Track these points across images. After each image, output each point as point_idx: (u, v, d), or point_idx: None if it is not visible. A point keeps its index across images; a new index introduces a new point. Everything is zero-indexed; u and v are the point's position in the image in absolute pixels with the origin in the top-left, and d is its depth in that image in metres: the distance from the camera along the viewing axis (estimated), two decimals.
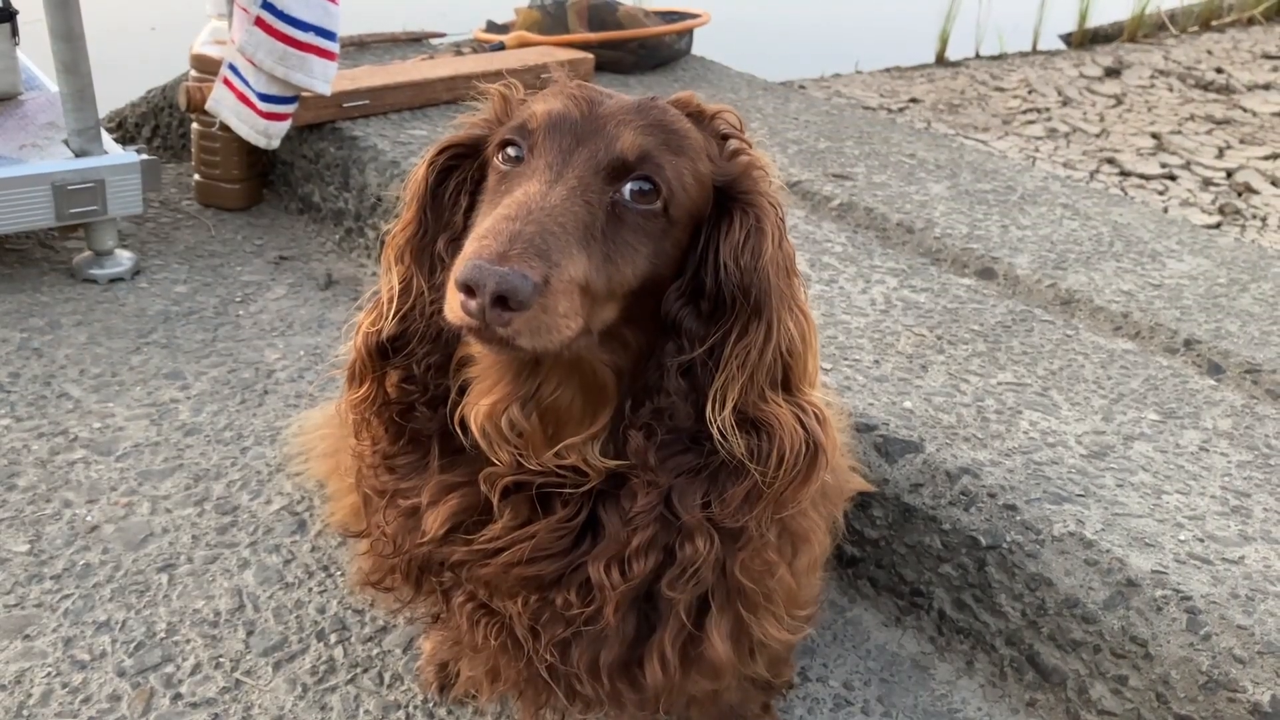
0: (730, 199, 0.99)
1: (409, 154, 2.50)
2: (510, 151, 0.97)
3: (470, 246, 0.85)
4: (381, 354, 1.04)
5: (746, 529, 1.02)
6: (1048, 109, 4.36)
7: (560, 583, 1.02)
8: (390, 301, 1.04)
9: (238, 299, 2.37)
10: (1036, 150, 3.84)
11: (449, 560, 1.05)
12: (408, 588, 1.15)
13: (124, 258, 2.43)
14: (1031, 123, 4.16)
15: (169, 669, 1.44)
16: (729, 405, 0.96)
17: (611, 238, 0.91)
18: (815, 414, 0.99)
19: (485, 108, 1.07)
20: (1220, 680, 1.28)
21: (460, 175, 1.05)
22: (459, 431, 1.03)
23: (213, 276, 2.46)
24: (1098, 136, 4.04)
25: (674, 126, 0.97)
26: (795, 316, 0.99)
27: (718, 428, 0.96)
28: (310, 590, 1.58)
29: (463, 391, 1.03)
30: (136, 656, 1.45)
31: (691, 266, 0.98)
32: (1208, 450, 1.66)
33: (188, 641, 1.48)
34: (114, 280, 2.39)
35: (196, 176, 2.79)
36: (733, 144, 1.03)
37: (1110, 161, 3.77)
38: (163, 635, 1.49)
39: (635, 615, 1.06)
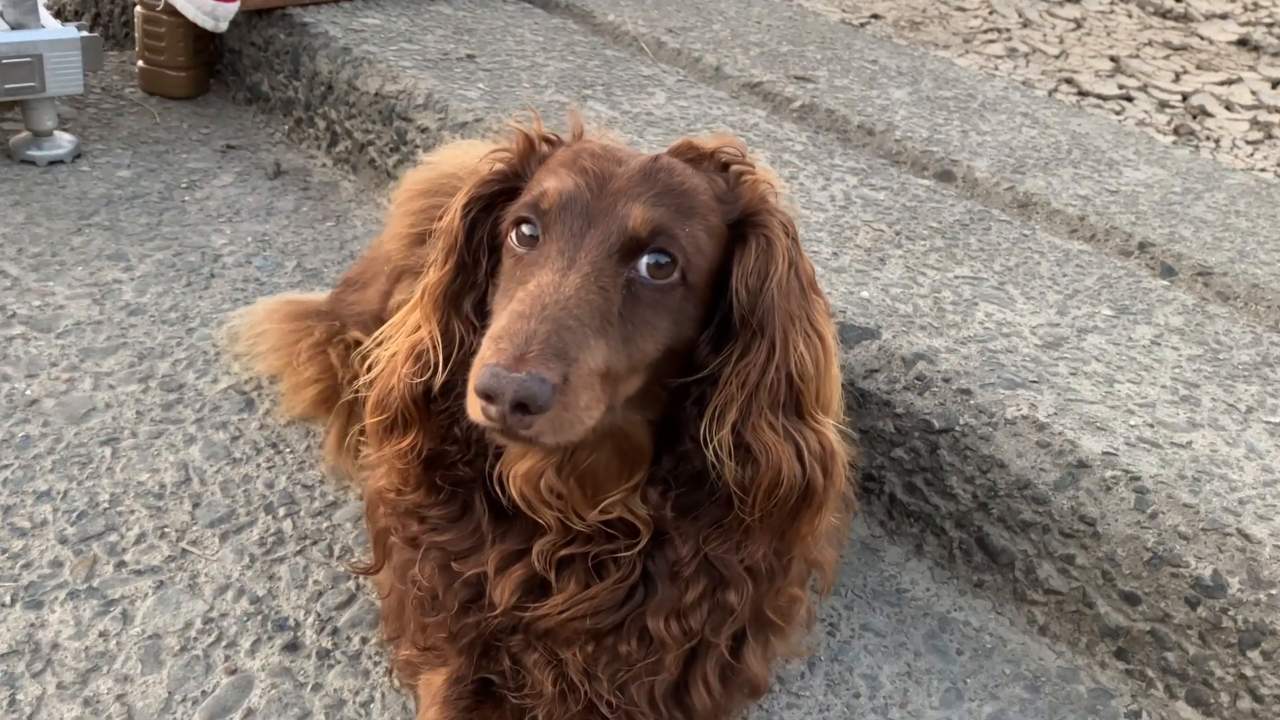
0: (745, 225, 0.96)
1: (361, 41, 2.43)
2: (525, 230, 0.94)
3: (486, 348, 0.83)
4: (429, 403, 1.01)
5: (773, 570, 1.04)
6: (1008, 29, 4.33)
7: (619, 632, 1.03)
8: (435, 349, 0.99)
9: (183, 185, 2.30)
10: (996, 69, 3.82)
11: (522, 623, 1.05)
12: (453, 653, 1.13)
13: (64, 140, 2.35)
14: (992, 42, 4.14)
15: (112, 538, 1.41)
16: (727, 425, 0.93)
17: (630, 317, 0.89)
18: (820, 445, 0.96)
19: (509, 146, 1.03)
20: (1165, 556, 1.31)
21: (486, 224, 1.01)
22: (498, 490, 1.01)
23: (157, 163, 2.38)
24: (1057, 58, 4.03)
25: (682, 187, 0.94)
26: (809, 338, 0.95)
27: (713, 448, 0.93)
28: (259, 466, 1.55)
29: (500, 452, 1.00)
30: (79, 525, 1.42)
31: (721, 312, 0.96)
32: (1159, 344, 1.67)
33: (131, 512, 1.45)
34: (53, 163, 2.31)
35: (141, 63, 2.69)
36: (736, 169, 1.01)
37: (1069, 81, 3.76)
38: (106, 506, 1.46)
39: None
